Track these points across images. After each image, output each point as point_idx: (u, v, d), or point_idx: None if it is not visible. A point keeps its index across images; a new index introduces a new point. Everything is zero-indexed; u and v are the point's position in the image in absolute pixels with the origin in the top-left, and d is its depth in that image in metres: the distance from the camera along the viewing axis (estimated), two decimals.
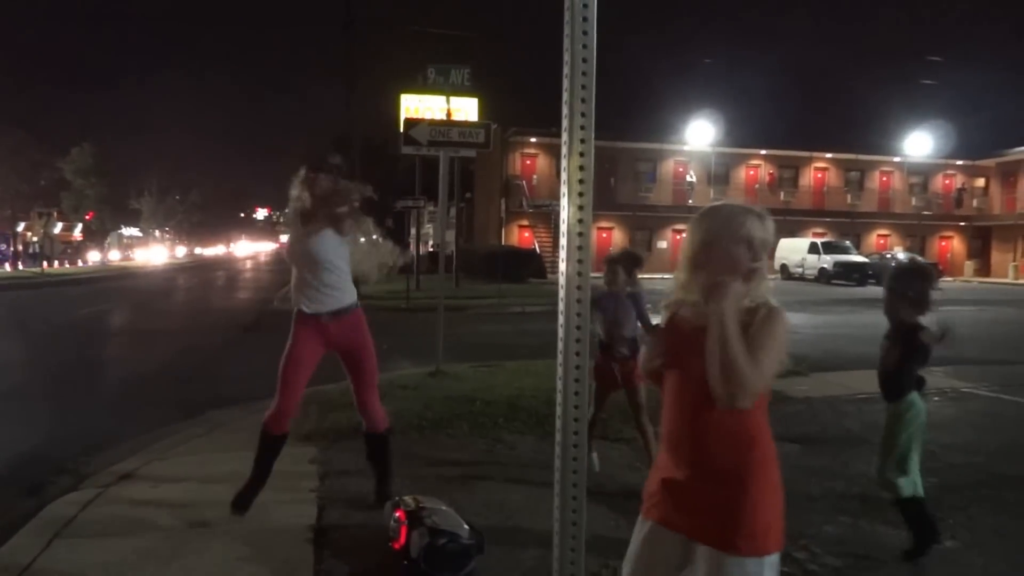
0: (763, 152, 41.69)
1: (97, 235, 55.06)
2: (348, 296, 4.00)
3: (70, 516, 4.01)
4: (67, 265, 42.02)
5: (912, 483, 3.62)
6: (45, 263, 38.56)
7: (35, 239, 46.74)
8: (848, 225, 40.75)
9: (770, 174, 42.36)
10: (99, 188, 49.26)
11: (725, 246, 1.93)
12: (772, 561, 1.92)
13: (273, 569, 3.43)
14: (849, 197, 42.96)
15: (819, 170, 43.13)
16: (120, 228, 61.20)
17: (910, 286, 3.61)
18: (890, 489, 3.64)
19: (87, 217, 53.56)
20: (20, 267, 38.14)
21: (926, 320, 3.59)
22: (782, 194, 41.29)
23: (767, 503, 1.93)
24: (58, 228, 52.54)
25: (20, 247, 41.16)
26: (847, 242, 34.81)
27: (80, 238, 52.83)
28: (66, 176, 46.67)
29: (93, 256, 47.30)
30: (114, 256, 45.70)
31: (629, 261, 4.75)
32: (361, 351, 4.03)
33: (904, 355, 3.57)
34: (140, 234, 63.91)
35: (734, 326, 1.85)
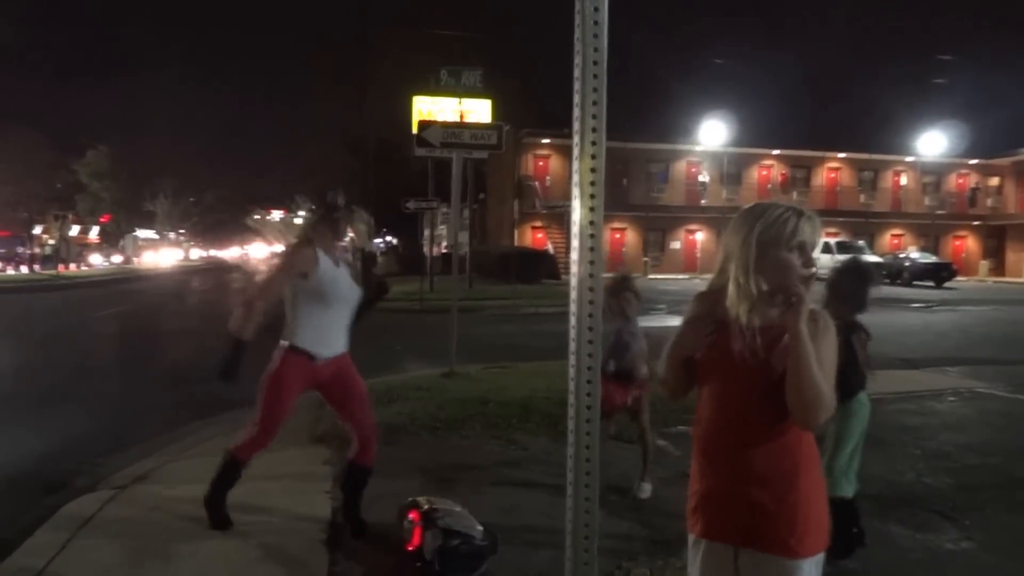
0: (775, 152, 41.49)
1: (113, 237, 55.52)
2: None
3: (87, 516, 4.05)
4: (83, 267, 42.42)
5: (851, 483, 3.62)
6: (61, 265, 38.95)
7: (51, 242, 47.25)
8: (862, 225, 40.46)
9: (782, 174, 42.15)
10: (115, 191, 49.62)
11: (778, 253, 1.86)
12: (820, 559, 1.93)
13: (288, 570, 3.45)
14: (862, 197, 42.67)
15: (832, 170, 42.87)
16: (135, 230, 61.71)
17: (848, 285, 3.61)
18: (831, 488, 3.64)
19: (103, 220, 53.99)
20: (37, 269, 38.49)
21: (863, 319, 3.61)
22: (795, 194, 41.01)
23: (816, 503, 1.92)
24: (74, 231, 53.18)
25: (37, 249, 41.57)
26: (861, 242, 34.54)
27: (96, 241, 53.30)
28: (82, 179, 47.00)
29: (95, 259, 47.50)
30: (117, 260, 45.75)
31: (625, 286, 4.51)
32: (354, 383, 3.85)
33: (847, 355, 3.57)
34: (156, 236, 64.42)
35: (811, 346, 1.80)
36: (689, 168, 40.95)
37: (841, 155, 42.25)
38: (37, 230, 44.05)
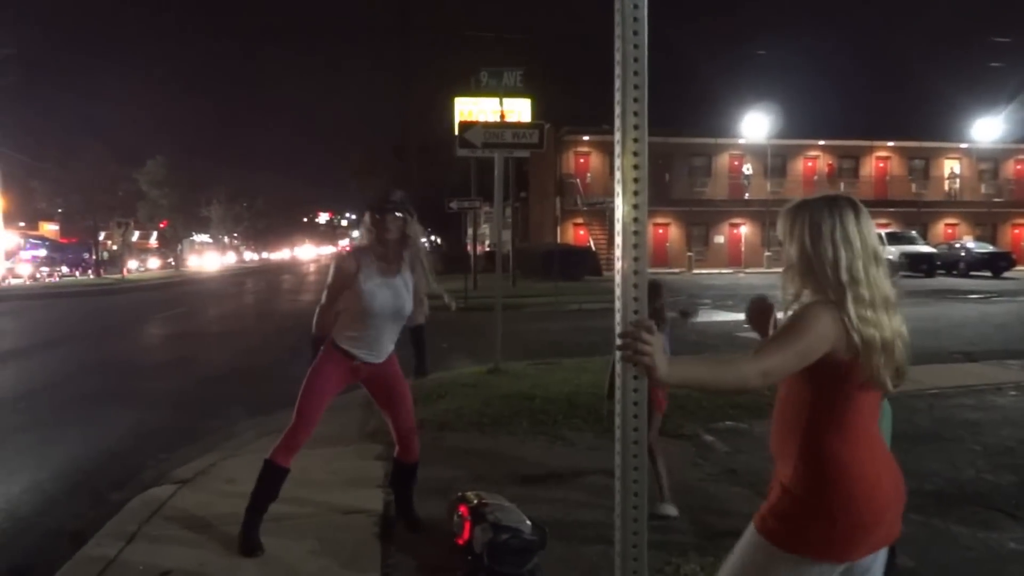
0: (821, 143, 40.62)
1: (171, 242, 57.26)
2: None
3: (153, 509, 4.22)
4: (143, 271, 43.95)
5: None
6: (125, 270, 40.41)
7: (115, 247, 49.00)
8: (914, 215, 39.38)
9: (829, 165, 41.25)
10: (172, 197, 51.21)
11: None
12: (798, 560, 1.91)
13: (342, 562, 3.54)
14: (914, 186, 41.52)
15: (881, 159, 41.81)
16: (192, 235, 63.56)
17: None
18: None
19: (161, 225, 55.88)
20: (102, 273, 40.04)
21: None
22: (842, 185, 40.09)
23: (817, 503, 1.95)
24: (135, 236, 55.05)
25: (102, 254, 43.27)
26: (913, 232, 33.64)
27: (156, 245, 55.06)
28: (142, 187, 48.68)
29: (153, 263, 49.13)
30: (161, 262, 47.29)
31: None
32: (396, 382, 3.86)
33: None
34: (210, 240, 66.21)
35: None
36: (732, 161, 40.38)
37: (890, 143, 41.17)
38: (101, 236, 45.72)
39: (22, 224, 46.42)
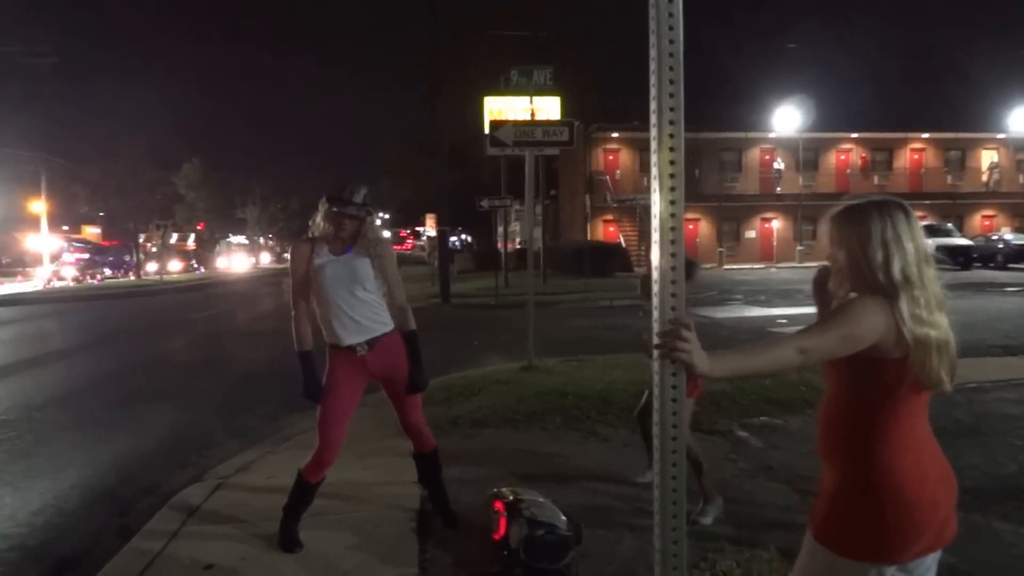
0: (854, 135, 39.94)
1: (208, 243, 58.29)
2: (384, 321, 3.77)
3: (195, 505, 4.33)
4: (182, 273, 44.78)
5: None
6: (142, 271, 41.32)
7: (154, 249, 50.02)
8: (949, 207, 38.56)
9: (862, 158, 40.56)
10: (208, 200, 52.11)
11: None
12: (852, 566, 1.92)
13: (380, 556, 3.60)
14: (949, 178, 40.63)
15: (915, 151, 40.98)
16: (228, 236, 64.55)
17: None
18: None
19: (199, 227, 56.93)
20: (142, 276, 40.93)
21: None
22: (876, 178, 39.46)
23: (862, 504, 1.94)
24: (174, 239, 56.09)
25: (142, 257, 44.18)
26: (949, 224, 32.95)
27: (193, 247, 56.05)
28: (179, 190, 49.62)
29: (188, 264, 50.08)
30: (183, 265, 48.19)
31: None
32: (400, 377, 3.79)
33: None
34: (246, 241, 67.17)
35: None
36: (763, 156, 39.91)
37: (925, 135, 40.31)
38: (141, 239, 46.68)
39: (65, 228, 47.64)
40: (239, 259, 57.81)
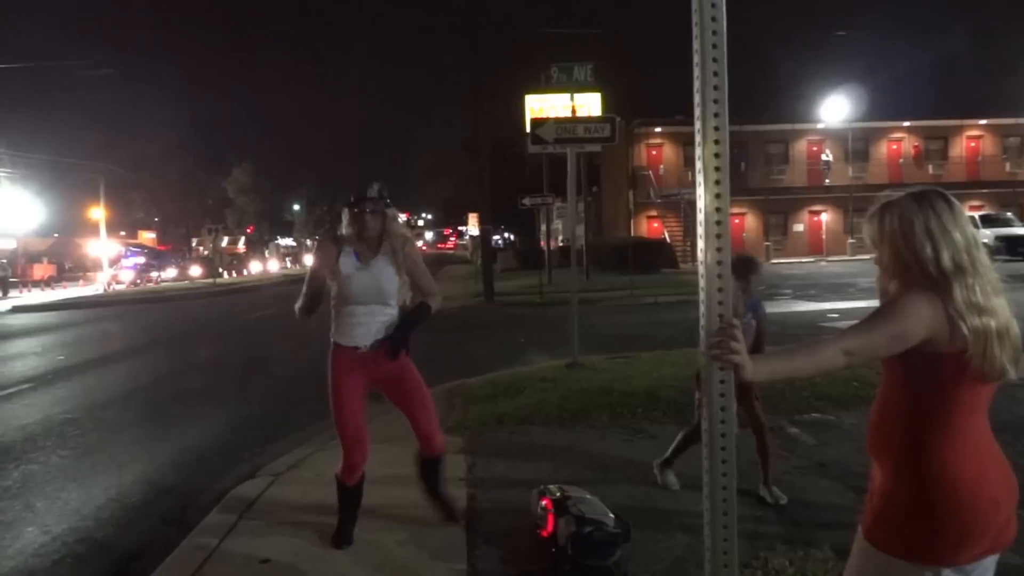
0: (906, 124, 38.79)
1: (257, 246, 59.76)
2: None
3: (251, 500, 4.45)
4: (233, 275, 45.89)
5: None
6: (187, 275, 42.51)
7: (206, 252, 51.54)
8: (1009, 195, 37.14)
9: (915, 147, 39.36)
10: (257, 203, 53.39)
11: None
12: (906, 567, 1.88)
13: (431, 553, 3.64)
14: (1008, 165, 39.18)
15: (972, 139, 39.62)
16: (277, 239, 66.01)
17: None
18: None
19: (248, 230, 58.42)
20: (194, 279, 42.12)
21: None
22: (930, 167, 38.28)
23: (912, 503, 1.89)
24: (224, 242, 57.65)
25: (194, 259, 45.47)
26: (1008, 214, 31.80)
27: (243, 250, 57.51)
28: (229, 194, 50.92)
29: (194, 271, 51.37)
30: (203, 271, 49.39)
31: (742, 267, 4.02)
32: (411, 386, 3.80)
33: None
34: (294, 244, 68.53)
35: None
36: (810, 147, 39.04)
37: (982, 122, 38.93)
38: (194, 242, 47.97)
39: (123, 233, 49.31)
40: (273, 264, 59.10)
